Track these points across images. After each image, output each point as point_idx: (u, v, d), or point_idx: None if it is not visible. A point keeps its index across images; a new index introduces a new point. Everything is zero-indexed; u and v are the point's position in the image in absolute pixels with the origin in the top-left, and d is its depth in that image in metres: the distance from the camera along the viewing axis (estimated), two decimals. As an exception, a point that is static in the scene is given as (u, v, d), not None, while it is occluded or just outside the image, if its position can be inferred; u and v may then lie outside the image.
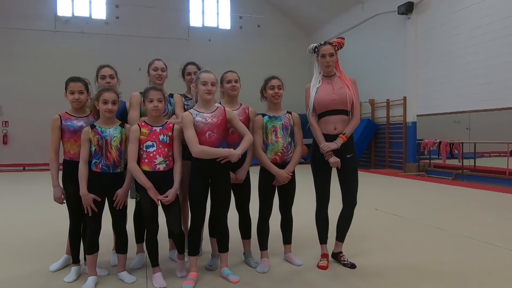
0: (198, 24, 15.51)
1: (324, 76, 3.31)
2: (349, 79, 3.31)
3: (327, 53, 3.23)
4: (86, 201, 2.84)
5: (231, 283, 2.93)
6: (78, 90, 3.01)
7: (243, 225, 3.35)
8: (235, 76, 3.30)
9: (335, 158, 3.16)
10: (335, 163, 3.16)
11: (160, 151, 2.89)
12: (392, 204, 6.10)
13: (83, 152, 2.88)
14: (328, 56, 3.22)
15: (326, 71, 3.29)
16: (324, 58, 3.24)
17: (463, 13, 9.49)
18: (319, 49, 3.27)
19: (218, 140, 2.94)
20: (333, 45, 3.25)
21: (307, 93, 3.32)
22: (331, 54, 3.23)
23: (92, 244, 2.92)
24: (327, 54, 3.23)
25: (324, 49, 3.24)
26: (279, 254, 3.49)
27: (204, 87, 2.95)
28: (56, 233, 4.19)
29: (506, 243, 3.85)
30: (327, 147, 3.15)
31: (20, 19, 13.45)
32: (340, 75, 3.32)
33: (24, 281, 3.00)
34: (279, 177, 3.19)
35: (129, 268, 3.18)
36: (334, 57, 3.25)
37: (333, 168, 3.22)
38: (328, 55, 3.22)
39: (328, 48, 3.24)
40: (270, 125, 3.24)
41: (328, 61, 3.23)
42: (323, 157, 3.20)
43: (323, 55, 3.24)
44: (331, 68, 3.27)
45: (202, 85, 2.95)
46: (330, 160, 3.17)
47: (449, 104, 9.89)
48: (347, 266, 3.22)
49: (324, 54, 3.23)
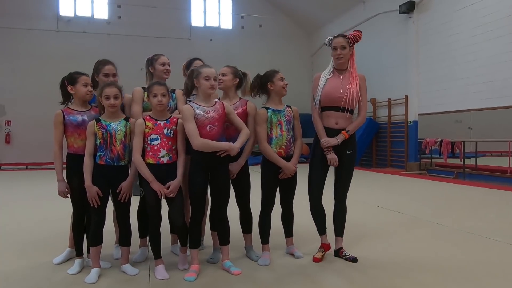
0: (199, 24, 15.55)
1: (336, 69, 3.29)
2: (359, 76, 3.28)
3: (339, 45, 3.20)
4: (91, 193, 2.87)
5: (232, 275, 2.95)
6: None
7: (244, 219, 3.37)
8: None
9: (333, 155, 3.18)
10: (332, 159, 3.18)
11: (164, 144, 2.93)
12: (393, 201, 6.12)
13: (88, 145, 2.92)
14: (340, 48, 3.19)
15: (337, 63, 3.26)
16: (335, 50, 3.21)
17: (464, 11, 9.50)
18: (332, 41, 3.25)
19: (218, 133, 2.97)
20: (347, 38, 3.21)
21: (315, 82, 3.30)
22: (343, 46, 3.19)
23: (96, 236, 2.96)
24: (339, 46, 3.20)
25: (336, 42, 3.21)
26: (280, 247, 3.52)
27: (207, 82, 2.97)
28: (59, 229, 4.22)
29: (506, 238, 3.87)
30: (327, 142, 3.17)
31: (22, 19, 13.51)
32: (352, 71, 3.28)
33: (28, 273, 3.04)
34: (287, 170, 3.21)
35: (132, 261, 3.21)
36: (347, 50, 3.21)
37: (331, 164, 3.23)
38: (339, 48, 3.19)
39: (340, 40, 3.21)
40: (275, 118, 3.24)
41: (339, 53, 3.19)
42: (324, 155, 3.22)
43: (334, 47, 3.22)
44: (342, 61, 3.23)
45: (205, 80, 2.96)
46: (328, 156, 3.19)
47: (451, 103, 9.89)
48: (349, 261, 3.24)
49: (336, 46, 3.21)
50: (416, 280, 2.86)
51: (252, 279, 2.91)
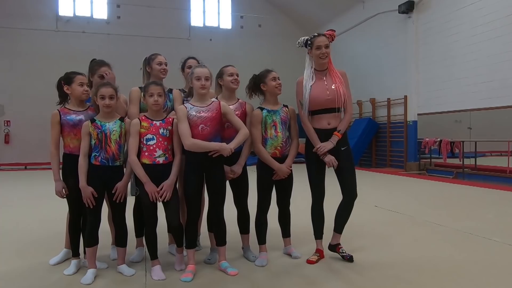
0: (199, 24, 15.55)
1: (316, 71, 3.24)
2: (339, 72, 3.26)
3: (323, 44, 3.15)
4: (86, 194, 2.86)
5: (229, 276, 2.94)
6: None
7: (241, 220, 3.36)
8: (237, 70, 3.29)
9: (330, 156, 3.13)
10: (330, 161, 3.13)
11: (159, 144, 2.92)
12: (392, 201, 6.11)
13: (83, 146, 2.91)
14: (324, 47, 3.15)
15: (321, 63, 3.21)
16: (319, 49, 3.15)
17: (463, 11, 9.49)
18: (313, 41, 3.18)
19: (210, 133, 2.95)
20: (327, 37, 3.19)
21: (299, 87, 3.26)
22: (327, 45, 3.17)
23: (91, 237, 2.94)
24: (323, 45, 3.15)
25: (320, 40, 3.16)
26: (278, 248, 3.51)
27: (198, 82, 2.96)
28: (57, 229, 4.20)
29: (505, 238, 3.86)
30: (324, 148, 3.12)
31: (21, 19, 13.50)
32: (332, 71, 3.25)
33: (25, 274, 3.03)
34: (280, 172, 3.19)
35: (129, 261, 3.21)
36: (329, 49, 3.18)
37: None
38: (324, 46, 3.14)
39: (324, 39, 3.17)
40: (269, 119, 3.22)
41: (324, 52, 3.15)
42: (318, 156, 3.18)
43: (318, 46, 3.15)
44: (326, 60, 3.20)
45: (196, 80, 2.97)
46: (325, 160, 3.14)
47: (450, 103, 9.88)
48: (345, 258, 3.22)
49: (320, 45, 3.15)
50: (413, 281, 2.84)
51: (248, 280, 2.90)
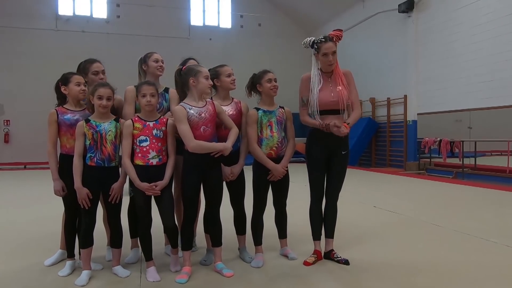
0: (199, 23, 15.53)
1: (322, 72, 3.19)
2: (344, 72, 3.21)
3: (330, 51, 3.05)
4: (81, 195, 2.84)
5: (225, 277, 2.93)
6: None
7: (238, 221, 3.34)
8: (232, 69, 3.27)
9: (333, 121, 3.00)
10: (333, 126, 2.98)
11: (153, 146, 2.89)
12: (391, 201, 6.08)
13: (77, 146, 2.89)
14: (331, 54, 3.06)
15: (329, 69, 3.15)
16: (326, 57, 3.06)
17: (463, 11, 9.46)
18: (320, 46, 3.07)
19: (211, 134, 2.94)
20: (334, 41, 3.10)
21: (304, 85, 3.20)
22: (334, 52, 3.06)
23: (87, 238, 2.93)
24: (330, 52, 3.05)
25: (327, 47, 3.05)
26: (274, 249, 3.49)
27: (207, 82, 2.95)
28: (53, 229, 4.19)
29: (502, 239, 3.84)
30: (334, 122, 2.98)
31: (21, 18, 13.50)
32: (337, 71, 3.18)
33: (19, 275, 3.01)
34: (275, 172, 3.17)
35: (124, 263, 3.19)
36: (336, 54, 3.10)
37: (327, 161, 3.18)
38: (330, 54, 3.05)
39: (331, 46, 3.06)
40: (265, 119, 3.20)
41: (331, 60, 3.07)
42: (319, 152, 3.17)
43: (325, 53, 3.06)
44: (333, 67, 3.14)
45: (205, 79, 2.95)
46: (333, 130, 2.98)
47: (450, 102, 9.85)
48: (341, 263, 3.19)
49: (327, 53, 3.05)
50: (411, 282, 2.82)
51: (244, 281, 2.89)
